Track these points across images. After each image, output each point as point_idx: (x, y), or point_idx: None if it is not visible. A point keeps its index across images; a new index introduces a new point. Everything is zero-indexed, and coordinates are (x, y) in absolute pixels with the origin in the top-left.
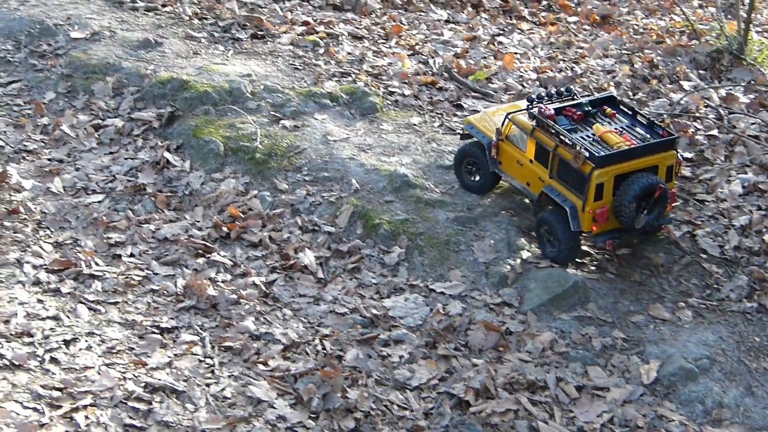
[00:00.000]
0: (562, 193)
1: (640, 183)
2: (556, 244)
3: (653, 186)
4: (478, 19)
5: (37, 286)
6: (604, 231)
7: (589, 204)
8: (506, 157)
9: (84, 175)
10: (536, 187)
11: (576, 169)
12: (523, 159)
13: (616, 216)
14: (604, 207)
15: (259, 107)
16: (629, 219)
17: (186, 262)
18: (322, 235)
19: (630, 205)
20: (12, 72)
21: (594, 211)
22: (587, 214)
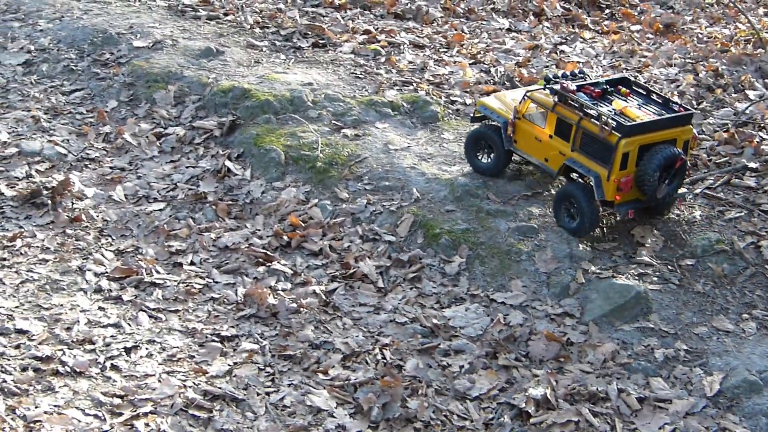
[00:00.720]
0: (585, 164)
1: (664, 153)
2: (577, 216)
3: (675, 157)
4: (540, 28)
5: (98, 293)
6: (626, 201)
7: (615, 173)
8: (523, 135)
9: (145, 183)
10: (555, 162)
11: (602, 139)
12: (541, 135)
13: (638, 186)
14: (628, 176)
15: (320, 116)
16: (652, 188)
17: (246, 270)
18: (383, 244)
19: (654, 174)
20: (75, 80)
21: (619, 180)
22: (612, 183)
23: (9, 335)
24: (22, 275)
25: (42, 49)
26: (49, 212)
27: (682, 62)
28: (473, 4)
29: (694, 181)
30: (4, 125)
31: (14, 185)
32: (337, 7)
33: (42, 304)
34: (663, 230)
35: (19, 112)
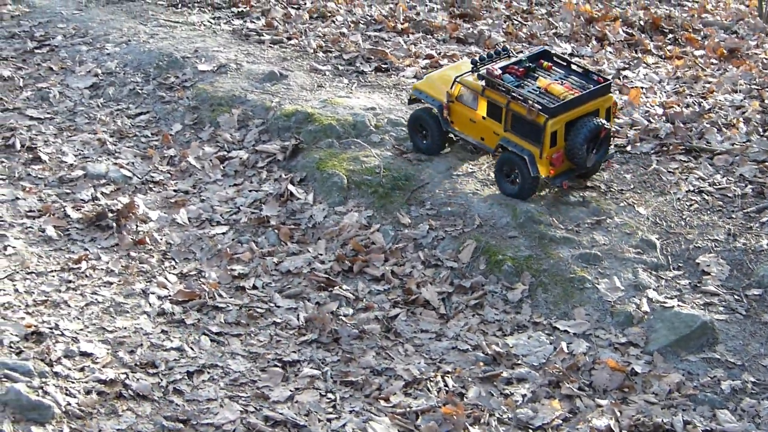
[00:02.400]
0: (518, 143)
1: (588, 126)
2: (518, 183)
3: (599, 128)
4: (602, 53)
5: (161, 316)
6: (559, 174)
7: (546, 151)
8: (458, 117)
9: (209, 206)
10: (491, 141)
11: (530, 121)
12: (475, 117)
13: (569, 158)
14: (558, 152)
15: (383, 141)
16: (582, 159)
17: (308, 295)
18: (445, 270)
19: (582, 147)
20: (141, 104)
21: (551, 156)
22: (545, 160)
23: (74, 358)
24: (87, 298)
25: (109, 72)
26: (113, 235)
27: (747, 88)
28: (535, 29)
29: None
30: (71, 148)
31: (80, 207)
32: (400, 32)
33: (106, 326)
34: (729, 259)
35: (85, 134)
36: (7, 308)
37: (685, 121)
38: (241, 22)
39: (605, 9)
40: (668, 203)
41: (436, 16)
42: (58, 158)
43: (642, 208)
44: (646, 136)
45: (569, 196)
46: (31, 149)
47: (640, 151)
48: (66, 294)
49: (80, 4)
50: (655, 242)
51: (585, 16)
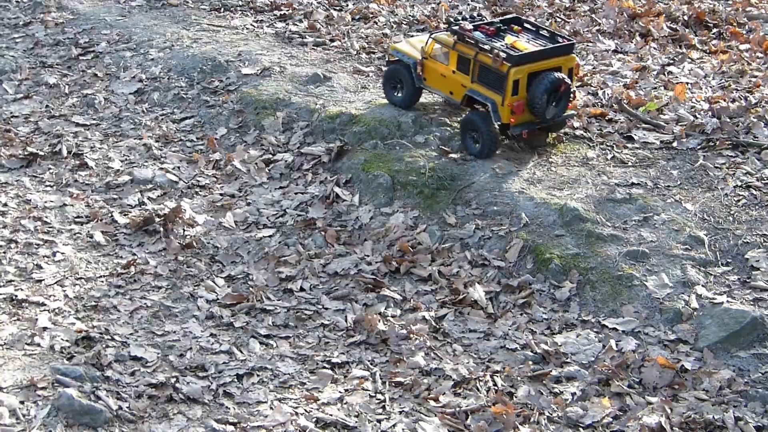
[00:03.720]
0: (483, 93)
1: (549, 78)
2: (479, 140)
3: (560, 81)
4: (647, 49)
5: (210, 320)
6: (520, 123)
7: (508, 98)
8: (430, 73)
9: (255, 209)
10: (459, 94)
11: (495, 70)
12: (446, 71)
13: (530, 109)
14: (520, 101)
15: (427, 141)
16: (541, 110)
17: (356, 296)
18: (492, 269)
19: (542, 97)
20: (185, 108)
21: (512, 104)
22: (506, 108)
23: (124, 362)
24: (136, 302)
25: (153, 77)
26: (161, 239)
27: None
28: (579, 26)
29: None
30: (117, 153)
31: (127, 213)
32: None
33: (155, 330)
34: None
35: (131, 140)
36: (58, 314)
37: (732, 115)
38: (284, 25)
39: (648, 4)
40: (716, 199)
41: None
42: (105, 164)
43: (689, 204)
44: (692, 132)
45: (615, 194)
46: (77, 155)
47: (687, 147)
48: (115, 299)
49: (124, 10)
50: (704, 238)
51: (628, 12)
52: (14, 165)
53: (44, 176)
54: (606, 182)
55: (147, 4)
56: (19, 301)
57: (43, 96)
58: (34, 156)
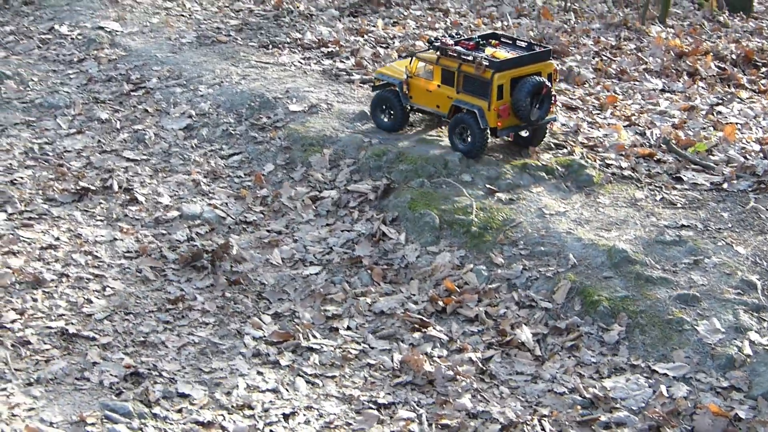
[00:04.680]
0: (469, 101)
1: (531, 82)
2: (468, 138)
3: (541, 84)
4: (695, 88)
5: (257, 357)
6: (506, 126)
7: (493, 103)
8: (416, 90)
9: (302, 246)
10: (445, 106)
11: (479, 77)
12: (431, 86)
13: (514, 112)
14: (505, 105)
15: (474, 180)
16: (526, 112)
17: (402, 336)
18: (539, 311)
19: (526, 100)
20: (234, 144)
21: (498, 108)
22: (493, 112)
23: (172, 399)
24: (184, 338)
25: (202, 113)
26: (209, 275)
27: None
28: (625, 65)
29: None
30: (167, 188)
31: (176, 248)
32: None
33: (203, 367)
34: None
35: (180, 175)
36: (107, 349)
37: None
38: (331, 62)
39: (696, 43)
40: None
41: None
42: (154, 199)
43: (741, 248)
44: (742, 174)
45: (665, 236)
46: (128, 190)
47: (737, 188)
48: (163, 335)
49: (174, 47)
50: (756, 282)
51: (675, 51)
52: (66, 199)
53: (95, 211)
54: (655, 224)
55: (197, 40)
56: (69, 335)
57: (95, 131)
58: (86, 190)
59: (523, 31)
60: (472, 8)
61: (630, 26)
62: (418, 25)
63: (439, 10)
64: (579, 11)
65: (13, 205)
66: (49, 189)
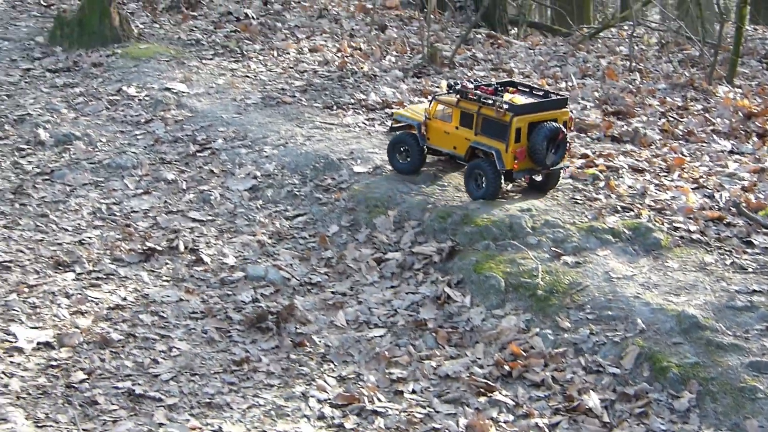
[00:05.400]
0: (487, 143)
1: (548, 127)
2: (483, 184)
3: (557, 130)
4: (765, 150)
5: (321, 420)
6: (522, 169)
7: (511, 145)
8: (434, 132)
9: (366, 308)
10: (462, 148)
11: (498, 120)
12: (449, 128)
13: (531, 156)
14: (522, 148)
15: (540, 242)
16: (542, 157)
17: (468, 400)
18: (607, 376)
19: (543, 144)
20: (298, 205)
21: (515, 151)
22: (510, 154)
23: None
24: (249, 400)
25: (267, 174)
26: (274, 336)
27: None
28: (692, 126)
29: None
30: (232, 249)
31: (241, 309)
32: None
33: (267, 429)
34: None
35: (245, 236)
36: (173, 410)
37: None
38: None
39: (765, 103)
40: None
41: (589, 114)
42: (220, 260)
43: None
44: None
45: (736, 301)
46: (193, 251)
47: None
48: (228, 396)
49: (240, 107)
50: None
51: (743, 112)
52: (133, 259)
53: (161, 271)
54: (725, 289)
55: (262, 102)
56: (136, 396)
57: (161, 191)
58: (153, 251)
59: (588, 91)
60: (536, 68)
61: (697, 86)
62: None
63: (503, 70)
64: (644, 71)
65: (82, 265)
66: (117, 249)
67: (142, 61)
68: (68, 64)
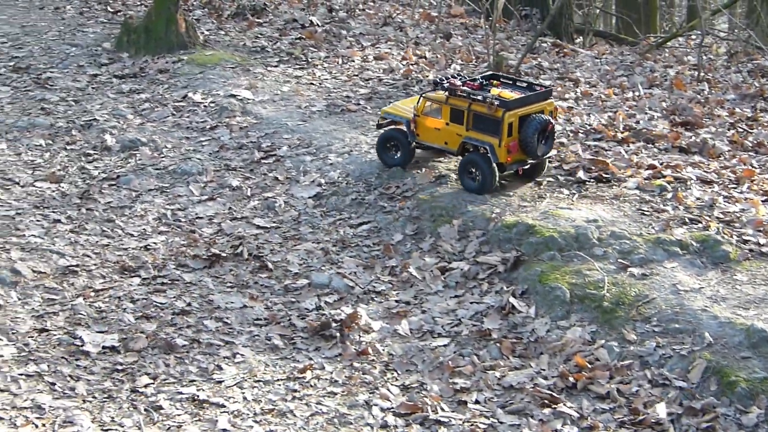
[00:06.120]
0: (479, 138)
1: (538, 120)
2: (479, 177)
3: (546, 122)
4: None
5: (384, 429)
6: (514, 161)
7: (504, 140)
8: (423, 129)
9: (430, 318)
10: (454, 143)
11: (490, 116)
12: (439, 125)
13: (522, 148)
14: (514, 141)
15: (606, 254)
16: (533, 148)
17: (532, 411)
18: (673, 390)
19: (533, 137)
20: (363, 213)
21: (508, 144)
22: (503, 148)
23: None
24: (312, 408)
25: (332, 182)
26: (337, 344)
27: None
28: (762, 137)
29: None
30: (296, 256)
31: (305, 317)
32: (620, 141)
33: None
34: None
35: (309, 243)
36: (237, 416)
37: None
38: None
39: None
40: None
41: (657, 125)
42: (284, 267)
43: None
44: None
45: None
46: (258, 258)
47: None
48: (292, 403)
49: (305, 115)
50: None
51: None
52: (198, 265)
53: (226, 277)
54: None
55: (327, 109)
56: (200, 401)
57: (226, 198)
58: (217, 257)
59: (656, 101)
60: (602, 78)
61: (767, 97)
62: None
63: (569, 79)
64: (713, 81)
65: (147, 270)
66: (181, 255)
67: (208, 67)
68: (135, 70)
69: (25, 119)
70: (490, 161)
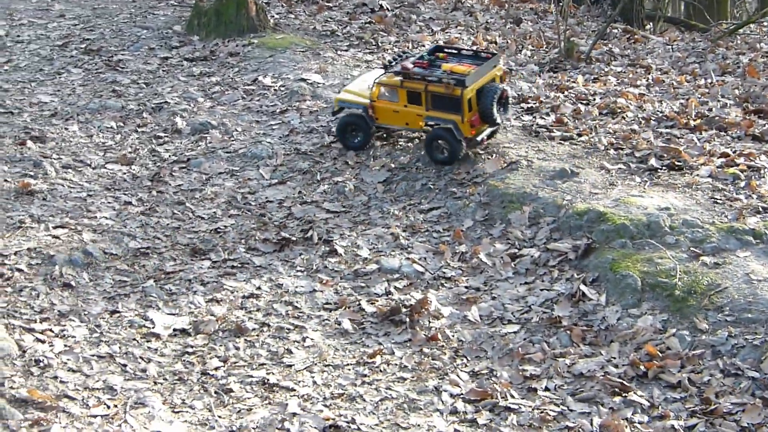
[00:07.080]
0: (441, 117)
1: (493, 90)
2: (446, 151)
3: (501, 90)
4: None
5: (454, 415)
6: (478, 132)
7: (466, 116)
8: (382, 112)
9: (500, 304)
10: (415, 123)
11: (449, 95)
12: (397, 107)
13: (483, 119)
14: (475, 115)
15: (678, 242)
16: (493, 117)
17: (602, 399)
18: (746, 380)
19: (492, 107)
20: (432, 199)
21: (470, 119)
22: (466, 124)
23: None
24: (382, 392)
25: (402, 167)
26: (407, 330)
27: None
28: None
29: None
30: (366, 241)
31: (374, 301)
32: (692, 129)
33: (400, 423)
34: None
35: (379, 228)
36: (307, 400)
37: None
38: (531, 118)
39: None
40: None
41: (730, 112)
42: (353, 251)
43: None
44: None
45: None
46: (327, 242)
47: None
48: (361, 388)
49: None
50: None
51: None
52: (268, 249)
53: (295, 261)
54: None
55: None
56: (270, 385)
57: (296, 182)
58: (287, 241)
59: (728, 89)
60: (674, 65)
61: None
62: (619, 81)
63: (641, 66)
64: None
65: (217, 253)
66: (251, 238)
67: (278, 51)
68: (205, 54)
69: (97, 101)
70: (455, 135)
